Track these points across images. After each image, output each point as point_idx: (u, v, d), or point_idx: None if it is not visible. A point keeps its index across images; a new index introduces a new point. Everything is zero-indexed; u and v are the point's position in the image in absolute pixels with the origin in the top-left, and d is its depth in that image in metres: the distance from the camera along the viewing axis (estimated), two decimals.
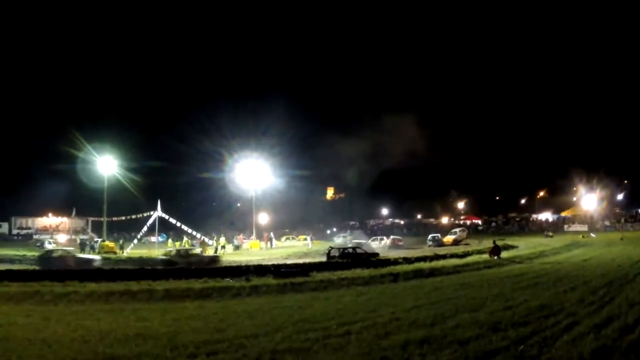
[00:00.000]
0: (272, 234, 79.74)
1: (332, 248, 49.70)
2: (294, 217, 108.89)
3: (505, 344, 10.82)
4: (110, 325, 15.76)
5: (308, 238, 78.04)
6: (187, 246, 61.29)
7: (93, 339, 13.42)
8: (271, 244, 74.48)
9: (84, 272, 34.62)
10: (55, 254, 47.07)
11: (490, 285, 22.67)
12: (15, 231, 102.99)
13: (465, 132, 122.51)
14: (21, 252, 54.73)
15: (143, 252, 58.48)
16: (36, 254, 53.71)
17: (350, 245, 57.38)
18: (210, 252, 57.99)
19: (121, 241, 70.00)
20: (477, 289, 21.63)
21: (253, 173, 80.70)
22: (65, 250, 49.93)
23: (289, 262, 44.05)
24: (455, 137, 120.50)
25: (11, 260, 48.78)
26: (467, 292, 20.38)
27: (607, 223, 79.83)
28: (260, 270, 33.51)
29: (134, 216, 75.89)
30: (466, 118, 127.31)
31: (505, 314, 14.18)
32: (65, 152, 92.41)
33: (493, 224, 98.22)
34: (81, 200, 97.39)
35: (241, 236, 78.92)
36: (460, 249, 50.68)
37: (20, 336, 13.85)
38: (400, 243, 67.69)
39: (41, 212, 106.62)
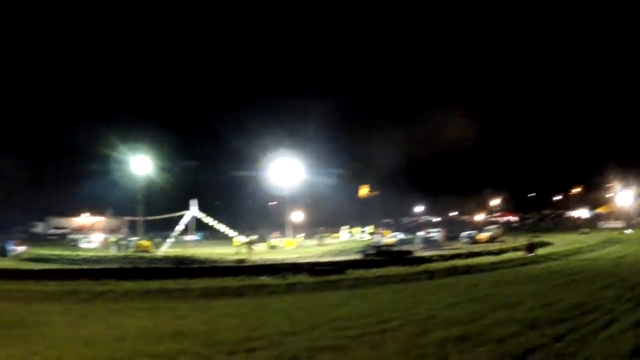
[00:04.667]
0: (321, 231, 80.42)
1: (367, 246, 49.74)
2: (328, 215, 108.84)
3: (543, 341, 10.78)
4: (148, 323, 15.90)
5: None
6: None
7: (130, 336, 13.55)
8: (320, 241, 74.86)
9: (120, 270, 34.93)
10: None
11: (526, 282, 22.58)
12: (51, 230, 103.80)
13: (500, 129, 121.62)
14: (57, 252, 55.21)
15: (178, 251, 58.85)
16: (72, 253, 54.39)
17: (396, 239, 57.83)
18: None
19: (157, 240, 70.40)
20: (513, 286, 21.56)
21: (287, 171, 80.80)
22: None
23: (324, 260, 44.06)
24: (490, 134, 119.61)
25: (47, 260, 49.27)
26: (503, 290, 20.32)
27: None
28: (296, 268, 33.59)
29: (169, 215, 76.24)
30: (501, 115, 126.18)
31: (542, 311, 14.12)
32: (101, 152, 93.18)
33: (528, 220, 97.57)
34: (116, 200, 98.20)
35: (276, 234, 79.11)
36: (495, 246, 50.28)
37: (58, 334, 14.05)
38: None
39: (76, 212, 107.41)
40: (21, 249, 58.50)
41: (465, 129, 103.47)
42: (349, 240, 77.54)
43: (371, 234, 79.78)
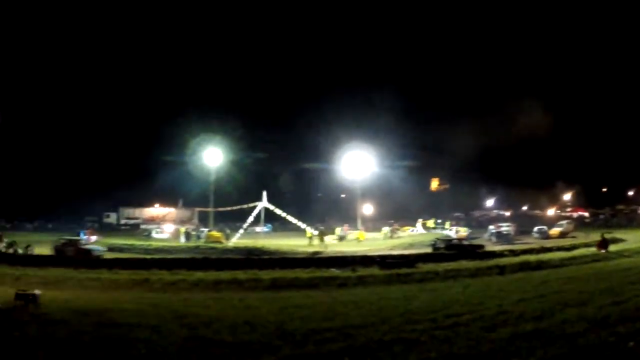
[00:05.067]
0: (395, 224, 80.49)
1: (437, 239, 49.55)
2: (398, 208, 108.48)
3: (614, 339, 10.66)
4: (219, 313, 16.17)
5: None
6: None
7: (201, 326, 13.79)
8: (392, 234, 74.89)
9: (192, 261, 35.51)
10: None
11: (598, 279, 22.23)
12: (123, 221, 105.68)
13: (573, 121, 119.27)
14: (129, 241, 56.30)
15: (248, 242, 59.38)
16: (144, 243, 55.43)
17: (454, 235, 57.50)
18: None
19: (227, 231, 71.12)
20: (584, 282, 21.28)
21: (358, 163, 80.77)
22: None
23: (394, 253, 44.08)
24: (563, 126, 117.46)
25: (120, 249, 50.28)
26: (575, 286, 20.07)
27: None
28: (366, 261, 33.77)
29: (239, 207, 76.87)
30: (575, 106, 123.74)
31: (614, 309, 13.91)
32: (173, 143, 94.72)
33: (600, 216, 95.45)
34: (188, 191, 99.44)
35: (346, 227, 79.18)
36: (567, 242, 49.68)
37: (131, 322, 14.40)
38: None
39: (148, 203, 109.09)
40: (93, 238, 59.92)
41: (538, 121, 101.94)
42: (421, 233, 77.31)
43: (445, 228, 79.53)
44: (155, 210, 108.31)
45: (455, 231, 71.87)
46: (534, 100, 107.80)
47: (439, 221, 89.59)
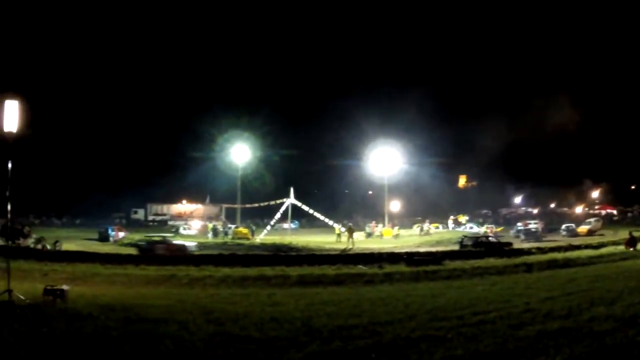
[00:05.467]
0: (427, 221, 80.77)
1: (465, 237, 49.47)
2: (426, 205, 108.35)
3: None
4: (246, 309, 16.23)
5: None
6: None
7: (228, 322, 13.84)
8: (422, 231, 75.00)
9: (219, 257, 35.69)
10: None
11: (626, 277, 22.03)
12: (150, 217, 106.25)
13: (600, 119, 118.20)
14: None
15: (275, 239, 59.59)
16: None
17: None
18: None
19: (253, 227, 71.41)
20: (612, 281, 21.12)
21: (385, 160, 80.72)
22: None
23: (421, 250, 44.07)
24: (590, 124, 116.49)
25: None
26: (602, 284, 19.93)
27: None
28: (392, 257, 33.79)
29: (266, 203, 77.09)
30: (601, 104, 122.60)
31: None
32: (201, 140, 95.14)
33: (629, 214, 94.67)
34: (215, 187, 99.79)
35: (373, 223, 79.20)
36: (595, 240, 49.38)
37: (157, 317, 14.50)
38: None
39: (176, 199, 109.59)
40: (121, 234, 60.36)
41: (566, 117, 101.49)
42: (449, 231, 77.29)
43: (476, 226, 79.33)
44: (183, 206, 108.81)
45: (490, 230, 71.67)
46: (562, 96, 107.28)
47: (467, 218, 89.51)
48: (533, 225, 66.94)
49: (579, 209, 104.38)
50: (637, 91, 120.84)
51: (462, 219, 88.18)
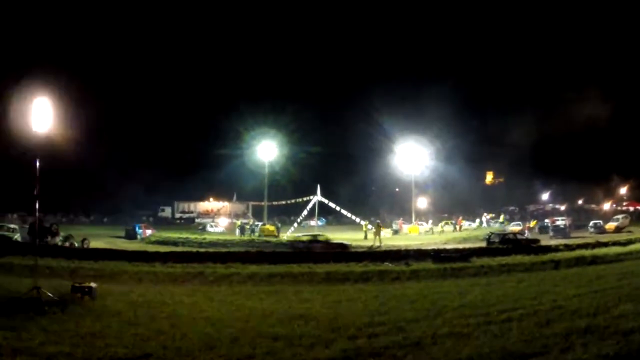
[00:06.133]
0: (460, 218, 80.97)
1: (492, 234, 49.27)
2: (453, 201, 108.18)
3: None
4: (272, 306, 16.29)
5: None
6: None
7: (255, 318, 13.96)
8: (458, 228, 75.26)
9: (246, 254, 35.78)
10: None
11: None
12: (177, 215, 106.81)
13: (628, 114, 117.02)
14: (184, 235, 56.76)
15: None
16: (198, 236, 55.98)
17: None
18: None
19: (278, 224, 71.51)
20: None
21: (413, 157, 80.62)
22: None
23: (448, 247, 43.92)
24: (618, 120, 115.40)
25: (174, 243, 50.70)
26: (630, 282, 19.77)
27: None
28: (419, 254, 33.68)
29: (293, 200, 77.22)
30: (629, 100, 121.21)
31: None
32: (228, 137, 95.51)
33: None
34: (242, 185, 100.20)
35: (401, 220, 79.19)
36: (622, 237, 48.97)
37: (185, 314, 14.61)
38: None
39: (203, 197, 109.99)
40: (148, 232, 60.72)
41: (594, 113, 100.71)
42: (478, 228, 77.22)
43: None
44: (210, 204, 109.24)
45: (525, 227, 71.28)
46: (590, 91, 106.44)
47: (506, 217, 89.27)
48: (561, 221, 66.53)
49: (606, 206, 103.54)
50: None
51: (501, 218, 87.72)
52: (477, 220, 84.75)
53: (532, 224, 72.91)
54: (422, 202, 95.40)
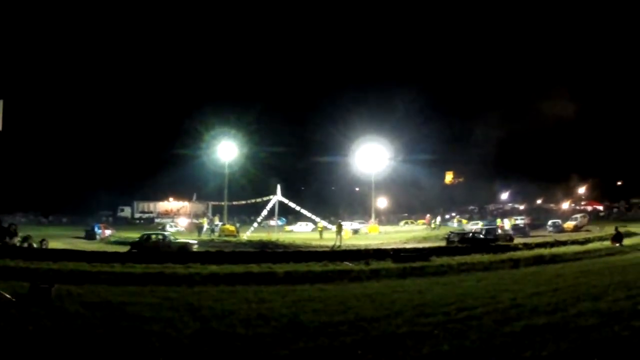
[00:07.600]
0: (428, 216, 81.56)
1: (451, 233, 49.69)
2: (412, 201, 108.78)
3: (628, 333, 10.62)
4: (232, 306, 16.20)
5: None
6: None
7: (214, 319, 13.79)
8: (430, 227, 75.95)
9: (206, 254, 35.68)
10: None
11: (612, 273, 22.11)
12: (137, 215, 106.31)
13: (586, 116, 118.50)
14: None
15: (262, 236, 59.61)
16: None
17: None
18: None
19: (237, 224, 71.51)
20: (598, 276, 21.19)
21: (372, 157, 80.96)
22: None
23: (408, 246, 44.15)
24: (576, 121, 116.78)
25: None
26: (589, 280, 20.01)
27: None
28: (379, 254, 33.77)
29: (253, 200, 77.16)
30: (587, 102, 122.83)
31: (628, 303, 13.85)
32: (188, 137, 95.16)
33: (615, 209, 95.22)
34: (202, 185, 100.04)
35: (360, 220, 79.64)
36: (581, 236, 49.81)
37: (144, 314, 14.43)
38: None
39: (162, 197, 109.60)
40: (108, 232, 60.45)
41: (553, 114, 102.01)
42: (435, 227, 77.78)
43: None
44: (170, 204, 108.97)
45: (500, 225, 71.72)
46: (550, 92, 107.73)
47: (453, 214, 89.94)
48: (520, 221, 67.32)
49: (565, 205, 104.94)
50: (624, 87, 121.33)
51: (421, 222, 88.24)
52: (438, 219, 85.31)
53: (512, 222, 73.28)
54: (382, 202, 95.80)
